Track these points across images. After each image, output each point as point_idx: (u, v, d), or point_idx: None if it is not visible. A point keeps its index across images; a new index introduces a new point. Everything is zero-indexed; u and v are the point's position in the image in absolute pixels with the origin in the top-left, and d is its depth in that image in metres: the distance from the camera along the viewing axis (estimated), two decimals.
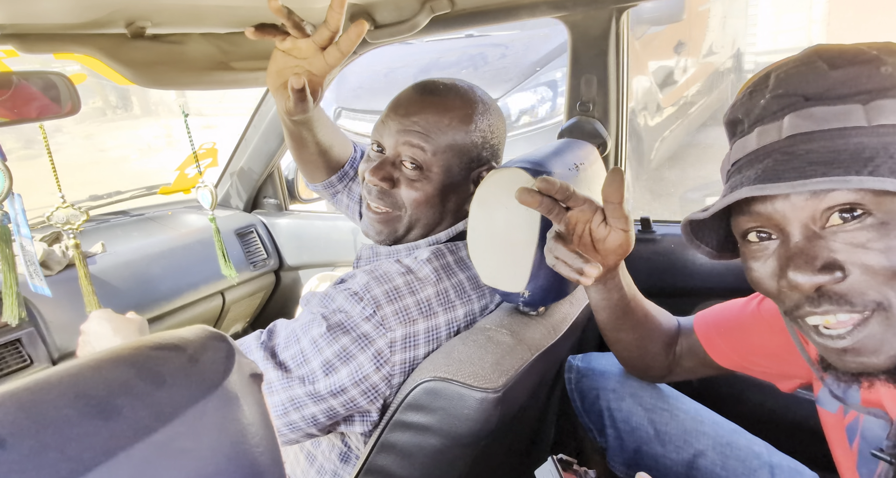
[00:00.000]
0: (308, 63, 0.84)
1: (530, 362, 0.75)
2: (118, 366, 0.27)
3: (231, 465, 0.28)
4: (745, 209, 0.56)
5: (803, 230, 0.53)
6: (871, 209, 0.50)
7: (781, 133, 0.53)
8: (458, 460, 0.78)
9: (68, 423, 0.24)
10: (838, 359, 0.55)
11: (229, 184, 1.96)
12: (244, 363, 0.32)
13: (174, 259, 1.67)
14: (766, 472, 0.90)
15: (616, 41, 1.08)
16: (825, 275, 0.51)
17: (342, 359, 0.77)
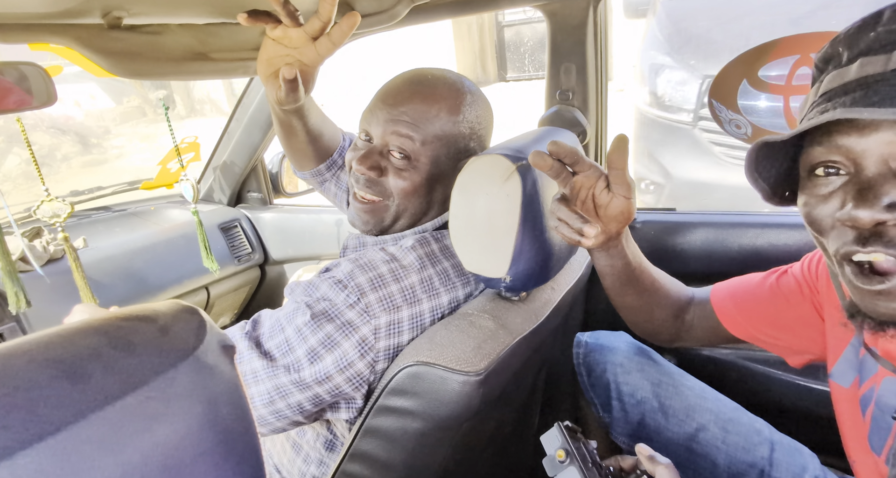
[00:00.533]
0: (299, 53, 0.84)
1: (512, 345, 0.76)
2: (89, 335, 0.27)
3: (203, 430, 0.28)
4: (823, 140, 0.55)
5: (879, 166, 0.52)
6: None
7: (888, 65, 0.52)
8: (442, 443, 0.79)
9: (38, 385, 0.24)
10: (871, 303, 0.55)
11: (212, 178, 1.95)
12: (215, 335, 0.33)
13: (157, 254, 1.66)
14: (766, 448, 0.92)
15: (594, 30, 1.09)
16: (887, 213, 0.51)
17: (327, 347, 0.77)
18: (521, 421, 1.10)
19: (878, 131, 0.51)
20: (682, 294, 0.95)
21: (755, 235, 1.18)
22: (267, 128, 1.70)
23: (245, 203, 1.99)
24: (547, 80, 1.18)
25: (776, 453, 0.92)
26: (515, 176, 0.72)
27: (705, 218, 1.22)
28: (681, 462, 0.95)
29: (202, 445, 0.28)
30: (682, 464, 0.95)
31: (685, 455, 0.95)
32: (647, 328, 0.95)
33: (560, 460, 0.68)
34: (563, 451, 0.68)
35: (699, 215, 1.23)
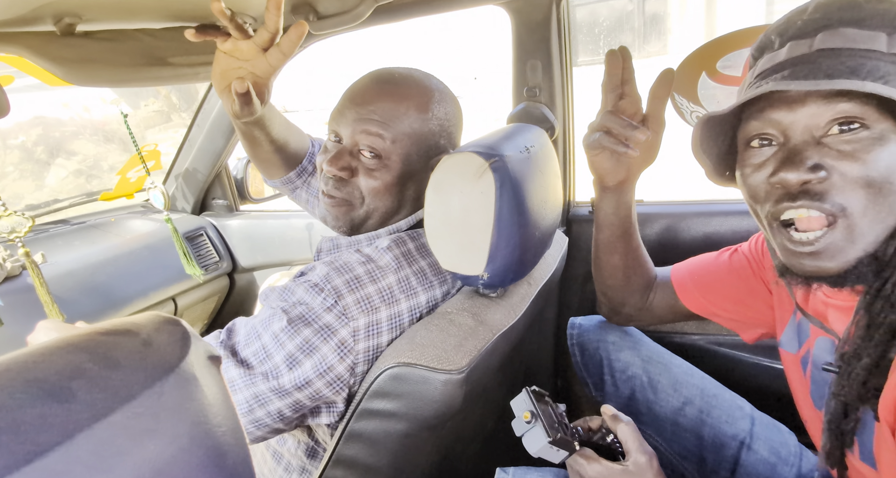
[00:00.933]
0: (251, 65, 0.84)
1: (492, 342, 0.77)
2: (69, 352, 0.26)
3: (193, 445, 0.28)
4: (757, 115, 0.62)
5: (804, 135, 0.59)
6: (868, 124, 0.57)
7: (812, 47, 0.59)
8: (426, 443, 0.79)
9: (21, 407, 0.23)
10: (798, 262, 0.62)
11: (174, 186, 1.90)
12: (200, 346, 0.32)
13: (120, 266, 1.61)
14: (748, 422, 0.97)
15: (558, 27, 1.10)
16: (811, 173, 0.57)
17: (305, 351, 0.76)
18: (502, 417, 1.11)
19: (805, 105, 0.59)
20: (653, 270, 1.01)
21: (719, 223, 1.21)
22: (230, 133, 1.67)
23: (210, 211, 1.94)
24: (513, 78, 1.18)
25: (756, 428, 0.96)
26: (489, 173, 0.73)
27: (672, 209, 1.25)
28: (667, 436, 0.99)
29: (194, 460, 0.28)
30: (669, 437, 0.99)
31: (672, 429, 0.99)
32: (618, 297, 1.00)
33: (526, 421, 0.73)
34: (528, 412, 0.73)
35: (665, 206, 1.26)
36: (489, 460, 1.15)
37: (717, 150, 0.71)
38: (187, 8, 1.00)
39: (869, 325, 0.60)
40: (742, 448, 0.96)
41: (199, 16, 1.08)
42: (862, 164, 0.56)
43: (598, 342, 1.07)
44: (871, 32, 0.57)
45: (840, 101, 0.56)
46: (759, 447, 0.95)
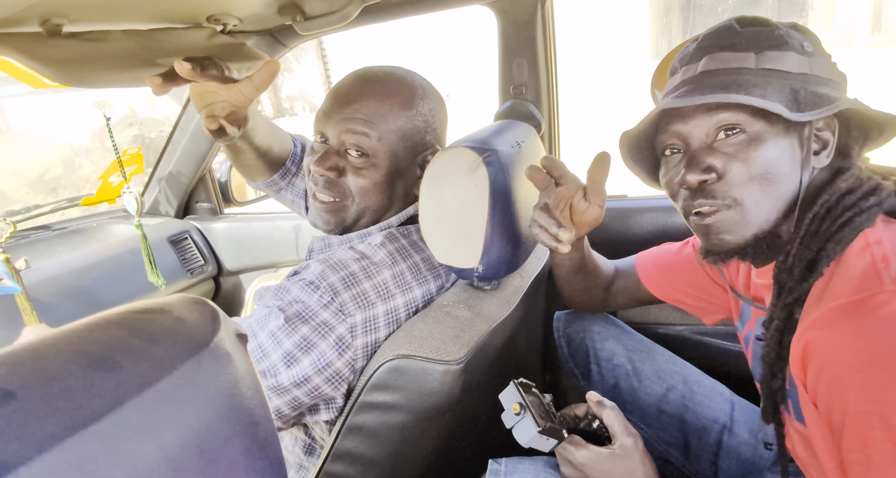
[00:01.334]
0: (227, 95, 0.90)
1: (488, 332, 0.78)
2: (109, 327, 0.28)
3: (230, 414, 0.29)
4: (664, 129, 0.74)
5: (699, 142, 0.71)
6: (745, 128, 0.68)
7: (698, 70, 0.72)
8: (425, 434, 0.80)
9: (72, 376, 0.24)
10: (706, 239, 0.72)
11: (157, 190, 1.89)
12: (230, 324, 0.33)
13: (104, 271, 1.59)
14: (728, 406, 1.02)
15: (543, 26, 1.13)
16: (705, 174, 0.69)
17: (303, 349, 0.76)
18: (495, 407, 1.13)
19: (694, 118, 0.70)
20: (610, 268, 1.08)
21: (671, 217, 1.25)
22: None
23: (194, 214, 1.93)
24: (500, 76, 1.21)
25: (736, 411, 1.01)
26: (482, 167, 0.75)
27: (654, 203, 1.28)
28: (652, 422, 1.02)
29: (231, 428, 0.29)
30: (653, 424, 1.02)
31: (656, 415, 1.02)
32: (584, 302, 1.09)
33: (515, 413, 0.75)
34: (517, 404, 0.75)
35: (649, 201, 1.29)
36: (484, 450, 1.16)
37: (649, 161, 0.82)
38: (174, 9, 1.00)
39: (779, 292, 0.69)
40: (724, 431, 1.00)
41: (186, 17, 1.08)
42: (744, 162, 0.67)
43: (583, 333, 1.11)
44: (742, 53, 0.69)
45: (720, 112, 0.68)
46: (740, 430, 0.99)
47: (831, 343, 0.58)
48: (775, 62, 0.68)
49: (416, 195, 0.94)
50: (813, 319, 0.61)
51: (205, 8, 1.03)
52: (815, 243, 0.66)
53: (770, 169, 0.67)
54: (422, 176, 0.92)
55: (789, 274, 0.68)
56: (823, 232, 0.66)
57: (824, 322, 0.60)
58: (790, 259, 0.68)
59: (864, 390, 0.55)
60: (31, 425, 0.22)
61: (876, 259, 0.61)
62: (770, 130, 0.67)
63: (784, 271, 0.69)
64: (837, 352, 0.58)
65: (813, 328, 0.61)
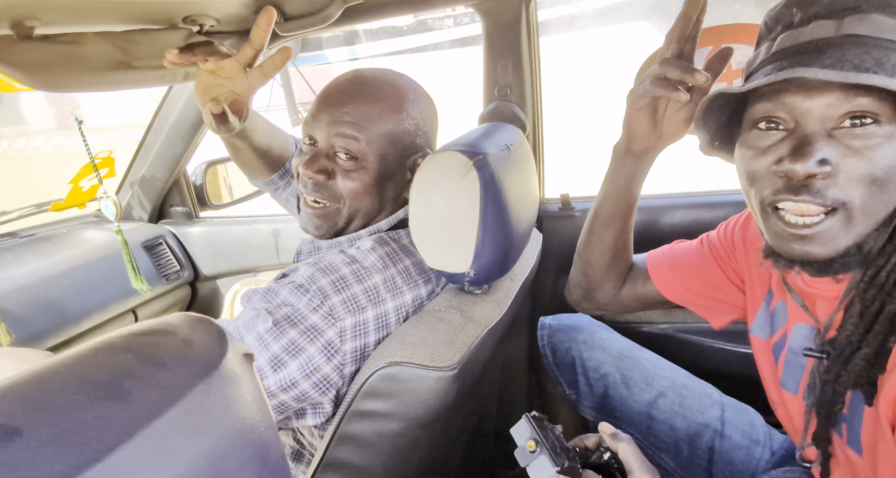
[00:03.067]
0: (232, 83, 0.87)
1: (481, 337, 0.78)
2: (114, 352, 0.26)
3: (242, 440, 0.28)
4: (772, 96, 0.60)
5: (817, 126, 0.57)
6: (882, 121, 0.55)
7: (839, 30, 0.56)
8: (419, 441, 0.79)
9: (80, 408, 0.23)
10: (787, 245, 0.61)
11: (130, 194, 1.83)
12: (237, 344, 0.32)
13: (76, 279, 1.54)
14: (718, 409, 1.00)
15: (527, 28, 1.13)
16: (818, 167, 0.56)
17: (291, 353, 0.75)
18: (484, 411, 1.13)
19: (823, 94, 0.56)
20: (632, 259, 1.00)
21: (683, 215, 1.27)
22: (189, 138, 1.62)
23: (168, 218, 1.88)
24: (484, 78, 1.20)
25: (726, 413, 1.00)
26: (473, 171, 0.74)
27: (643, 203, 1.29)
28: (643, 429, 1.02)
29: (243, 454, 0.28)
30: (644, 431, 1.01)
31: (647, 422, 1.01)
32: (597, 279, 0.97)
33: (531, 450, 0.71)
34: (532, 441, 0.71)
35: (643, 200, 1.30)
36: (473, 457, 1.16)
37: (716, 123, 0.69)
38: (149, 10, 0.97)
39: (863, 313, 0.60)
40: (716, 436, 0.99)
41: (162, 18, 1.05)
42: (868, 161, 0.56)
43: (569, 343, 1.08)
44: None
45: (859, 94, 0.55)
46: (732, 432, 0.98)
47: None
48: None
49: (405, 199, 0.93)
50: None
51: (181, 9, 1.00)
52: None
53: (892, 174, 0.56)
54: (412, 179, 0.91)
55: (882, 293, 0.59)
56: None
57: None
58: (883, 275, 0.59)
59: None
60: (40, 463, 0.20)
61: None
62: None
63: (874, 289, 0.60)
64: None
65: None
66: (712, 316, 0.95)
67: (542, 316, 1.15)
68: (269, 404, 0.32)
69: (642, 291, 0.98)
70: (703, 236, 0.95)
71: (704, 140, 0.71)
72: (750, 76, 0.65)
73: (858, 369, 0.60)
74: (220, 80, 0.86)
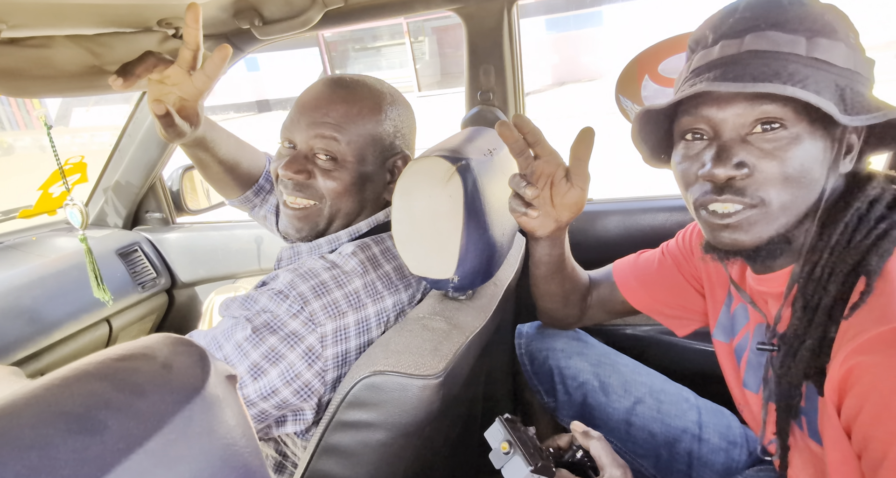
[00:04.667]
0: (179, 89, 0.87)
1: (466, 344, 0.77)
2: (89, 381, 0.25)
3: (226, 468, 0.27)
4: (691, 110, 0.67)
5: (732, 133, 0.64)
6: (787, 124, 0.61)
7: (741, 47, 0.63)
8: (404, 451, 0.78)
9: (51, 444, 0.21)
10: (718, 235, 0.67)
11: (103, 200, 1.79)
12: (219, 365, 0.30)
13: (47, 288, 1.49)
14: (695, 413, 1.01)
15: (509, 32, 1.13)
16: (736, 170, 0.63)
17: (271, 360, 0.74)
18: (468, 417, 1.12)
19: (732, 105, 0.63)
20: (586, 278, 1.04)
21: (663, 218, 1.28)
22: (165, 143, 1.59)
23: (144, 225, 1.84)
24: (467, 82, 1.20)
25: (703, 417, 1.01)
26: (456, 177, 0.73)
27: (619, 206, 1.30)
28: (622, 436, 1.01)
29: None
30: (624, 437, 1.01)
31: (625, 429, 1.01)
32: (560, 313, 1.03)
33: (504, 452, 0.72)
34: (506, 443, 0.73)
35: (613, 204, 1.31)
36: (458, 464, 1.15)
37: (655, 137, 0.75)
38: (122, 13, 0.95)
39: (805, 306, 0.64)
40: (694, 440, 0.99)
41: (135, 21, 1.02)
42: (780, 162, 0.62)
43: (546, 352, 1.07)
44: (792, 36, 0.61)
45: (764, 102, 0.61)
46: (710, 436, 1.00)
47: (884, 371, 0.54)
48: (826, 52, 0.61)
49: (385, 200, 0.92)
50: (861, 343, 0.56)
51: (155, 11, 0.98)
52: (851, 256, 0.62)
53: (804, 171, 0.62)
54: (391, 181, 0.90)
55: (819, 287, 0.63)
56: (857, 243, 0.62)
57: (874, 347, 0.55)
58: (818, 270, 0.63)
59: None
60: None
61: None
62: (809, 129, 0.62)
63: (812, 283, 0.64)
64: (890, 380, 0.53)
65: (860, 353, 0.56)
66: (677, 326, 0.99)
67: (522, 322, 1.14)
68: (252, 427, 0.31)
69: (610, 303, 1.02)
70: (662, 246, 0.99)
71: (645, 154, 0.77)
72: (677, 92, 0.71)
73: (806, 359, 0.64)
74: (167, 88, 0.86)
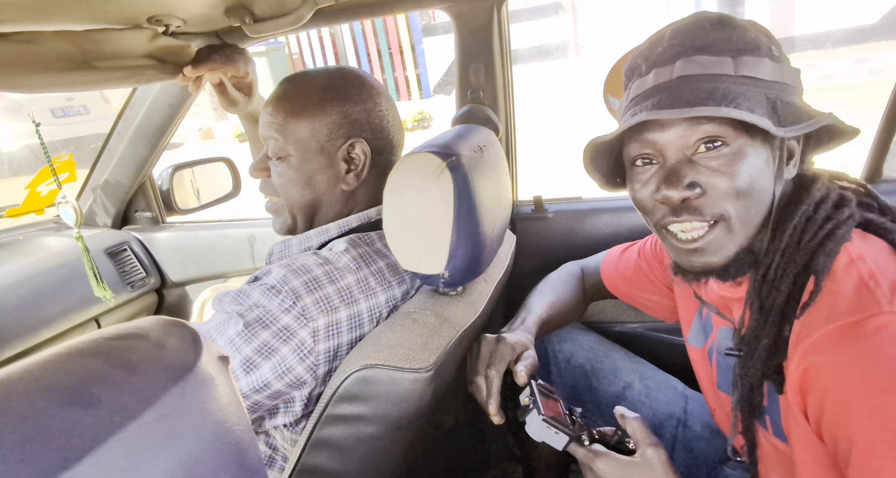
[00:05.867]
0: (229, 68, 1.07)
1: (456, 338, 0.78)
2: (83, 357, 0.25)
3: (218, 444, 0.27)
4: (637, 137, 0.68)
5: (678, 155, 0.66)
6: (728, 141, 0.63)
7: (673, 74, 0.65)
8: (396, 444, 0.79)
9: (45, 414, 0.22)
10: (687, 259, 0.69)
11: (91, 199, 1.78)
12: (211, 346, 0.31)
13: (34, 287, 1.48)
14: (682, 400, 1.05)
15: (499, 31, 1.14)
16: (689, 190, 0.64)
17: (263, 354, 0.75)
18: (460, 413, 1.12)
19: (674, 128, 0.65)
20: (578, 286, 1.11)
21: None
22: (155, 141, 1.58)
23: (133, 224, 1.83)
24: (457, 81, 1.21)
25: (689, 405, 1.04)
26: (446, 172, 0.74)
27: (608, 204, 1.31)
28: (610, 420, 1.03)
29: (220, 458, 0.27)
30: (612, 420, 1.03)
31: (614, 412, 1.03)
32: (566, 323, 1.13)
33: (525, 405, 0.79)
34: (527, 397, 0.80)
35: (603, 202, 1.32)
36: (449, 459, 1.16)
37: (607, 164, 0.77)
38: (111, 9, 0.94)
39: (761, 308, 0.66)
40: (679, 426, 1.03)
41: (125, 18, 1.02)
42: (729, 177, 0.63)
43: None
44: (718, 58, 0.64)
45: (703, 123, 0.63)
46: (694, 423, 1.03)
47: (835, 369, 0.55)
48: (752, 69, 0.63)
49: (354, 190, 0.92)
50: (812, 342, 0.58)
51: (145, 8, 0.98)
52: (800, 256, 0.64)
53: (752, 183, 0.64)
54: (350, 169, 0.91)
55: (773, 289, 0.65)
56: (806, 244, 0.64)
57: (824, 346, 0.57)
58: (772, 272, 0.66)
59: (874, 417, 0.52)
60: (4, 472, 0.19)
61: (864, 277, 0.59)
62: (750, 142, 0.63)
63: (767, 286, 0.66)
64: (843, 378, 0.54)
65: (813, 352, 0.57)
66: (664, 316, 1.06)
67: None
68: (244, 408, 0.31)
69: (602, 290, 1.10)
70: (640, 246, 1.04)
71: (600, 181, 0.79)
72: (621, 121, 0.73)
73: (763, 359, 0.65)
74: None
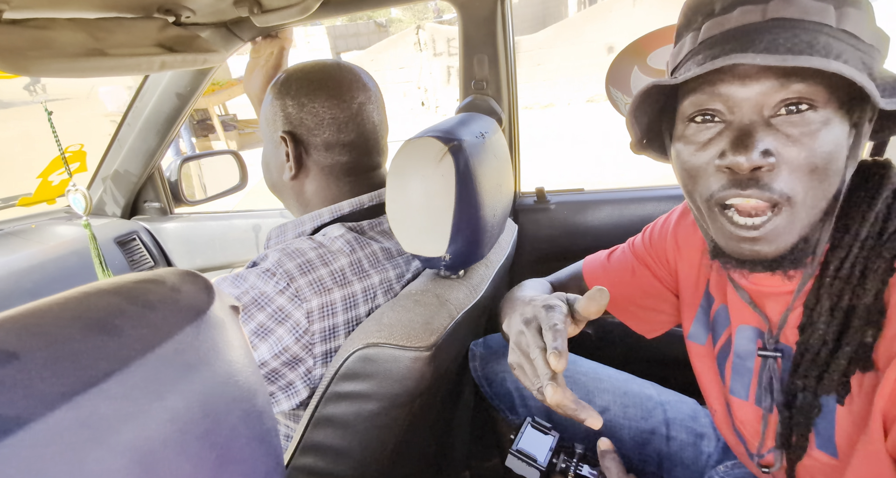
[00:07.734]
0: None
1: (457, 319, 0.80)
2: (105, 295, 0.27)
3: (230, 381, 0.29)
4: (704, 88, 0.56)
5: (756, 115, 0.54)
6: (817, 106, 0.52)
7: (765, 15, 0.53)
8: (396, 422, 0.81)
9: (73, 339, 0.24)
10: (737, 246, 0.58)
11: (102, 189, 1.81)
12: (223, 296, 0.33)
13: (47, 273, 1.51)
14: (660, 411, 0.98)
15: (503, 22, 1.15)
16: (763, 159, 0.53)
17: (260, 335, 0.77)
18: (460, 399, 1.14)
19: (758, 81, 0.53)
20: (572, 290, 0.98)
21: (653, 208, 1.30)
22: (165, 132, 1.61)
23: (142, 214, 1.86)
24: (461, 71, 1.22)
25: (669, 413, 0.98)
26: (448, 157, 0.76)
27: (610, 196, 1.33)
28: (589, 447, 0.99)
29: (232, 394, 0.29)
30: (592, 446, 0.97)
31: (593, 436, 0.95)
32: None
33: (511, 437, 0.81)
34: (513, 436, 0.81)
35: (604, 194, 1.34)
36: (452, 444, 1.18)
37: (647, 118, 0.65)
38: None
39: (833, 309, 0.58)
40: (662, 440, 0.96)
41: (135, 7, 1.05)
42: (808, 150, 0.53)
43: (503, 373, 1.02)
44: (822, 3, 0.52)
45: (794, 80, 0.52)
46: (677, 432, 0.96)
47: None
48: (856, 25, 0.52)
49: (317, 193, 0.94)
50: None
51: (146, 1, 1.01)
52: (887, 249, 0.55)
53: (830, 161, 0.53)
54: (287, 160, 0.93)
55: (856, 287, 0.56)
56: (892, 235, 0.56)
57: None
58: (847, 268, 0.57)
59: None
60: (38, 383, 0.21)
61: None
62: (837, 112, 0.53)
63: (840, 283, 0.57)
64: None
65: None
66: (647, 331, 0.94)
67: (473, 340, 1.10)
68: (253, 355, 0.33)
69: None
70: (628, 245, 0.94)
71: (636, 138, 0.67)
72: (676, 69, 0.62)
73: (842, 369, 0.57)
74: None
